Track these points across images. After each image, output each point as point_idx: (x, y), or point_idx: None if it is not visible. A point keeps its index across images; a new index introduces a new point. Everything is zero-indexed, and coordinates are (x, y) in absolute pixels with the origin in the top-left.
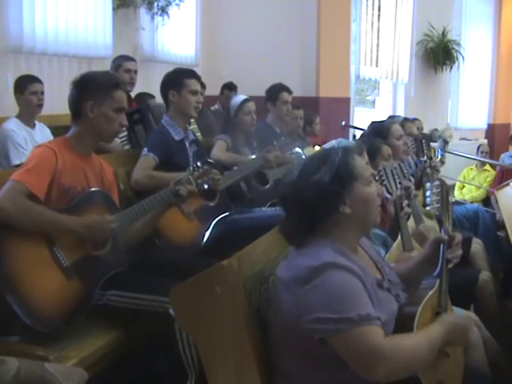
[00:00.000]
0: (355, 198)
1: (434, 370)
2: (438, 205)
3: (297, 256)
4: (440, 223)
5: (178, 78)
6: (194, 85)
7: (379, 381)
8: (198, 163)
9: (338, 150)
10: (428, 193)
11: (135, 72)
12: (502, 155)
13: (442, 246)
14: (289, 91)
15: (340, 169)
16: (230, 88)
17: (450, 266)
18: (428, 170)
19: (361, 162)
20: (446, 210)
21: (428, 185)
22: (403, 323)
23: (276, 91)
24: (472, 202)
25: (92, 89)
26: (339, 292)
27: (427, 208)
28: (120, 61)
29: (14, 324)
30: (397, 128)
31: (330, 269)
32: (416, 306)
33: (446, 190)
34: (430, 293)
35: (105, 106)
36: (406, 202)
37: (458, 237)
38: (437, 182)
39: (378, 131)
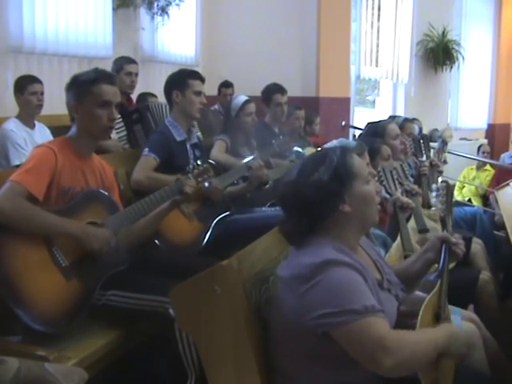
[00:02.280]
0: (354, 197)
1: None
2: (443, 206)
3: (297, 255)
4: (444, 224)
5: (182, 79)
6: (198, 86)
7: (385, 373)
8: (198, 161)
9: (336, 149)
10: (434, 194)
11: (136, 75)
12: (503, 155)
13: (444, 246)
14: (282, 92)
15: (338, 168)
16: (226, 86)
17: (450, 265)
18: (425, 174)
19: (359, 161)
20: (449, 212)
21: (434, 186)
22: (402, 322)
23: (269, 93)
24: (470, 200)
25: (73, 89)
26: (342, 287)
27: (433, 209)
28: (122, 63)
29: (15, 324)
30: (393, 128)
31: (332, 266)
32: (414, 306)
33: (451, 191)
34: (432, 292)
35: (86, 103)
36: (405, 199)
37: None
38: (443, 184)
39: (374, 131)
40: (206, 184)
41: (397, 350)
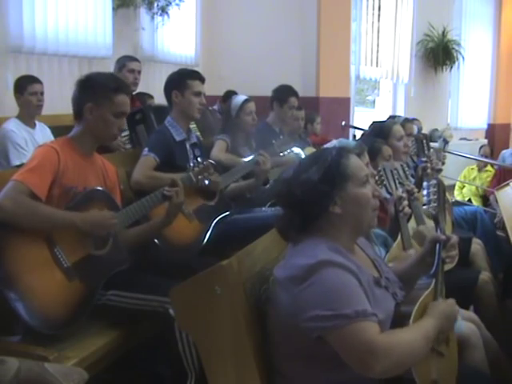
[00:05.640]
0: (346, 198)
1: (429, 370)
2: (436, 204)
3: (293, 255)
4: (436, 223)
5: (181, 79)
6: (197, 86)
7: (376, 377)
8: (199, 159)
9: (332, 150)
10: (425, 192)
11: (139, 72)
12: (503, 152)
13: (437, 245)
14: (297, 96)
15: (331, 168)
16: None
17: (447, 267)
18: (429, 170)
19: (355, 163)
20: (442, 210)
21: (425, 184)
22: (399, 322)
23: (286, 94)
24: (470, 200)
25: (93, 91)
26: (335, 289)
27: (424, 207)
28: (124, 61)
29: (15, 324)
30: (398, 129)
31: (326, 267)
32: (412, 306)
33: (442, 189)
34: (426, 292)
35: (104, 109)
36: (406, 203)
37: (454, 238)
38: (434, 181)
39: (379, 131)
40: (206, 182)
41: (386, 355)
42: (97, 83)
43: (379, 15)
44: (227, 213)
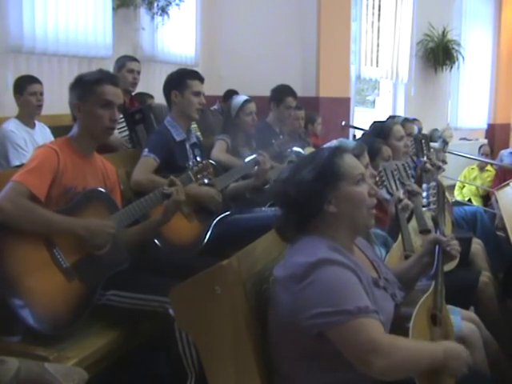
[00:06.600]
0: (340, 198)
1: (428, 370)
2: (435, 206)
3: (292, 255)
4: (435, 224)
5: (181, 79)
6: (196, 86)
7: (375, 375)
8: (198, 158)
9: (326, 150)
10: (424, 194)
11: (138, 72)
12: (501, 151)
13: (437, 246)
14: (294, 96)
15: (324, 168)
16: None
17: (448, 266)
18: (428, 170)
19: (348, 161)
20: (442, 211)
21: (424, 186)
22: (399, 324)
23: (282, 94)
24: (470, 200)
25: (77, 89)
26: (336, 286)
27: (424, 209)
28: (124, 61)
29: (15, 324)
30: (398, 129)
31: (326, 265)
32: (411, 307)
33: (442, 190)
34: (426, 294)
35: (89, 103)
36: (406, 200)
37: (454, 238)
38: (433, 183)
39: (379, 131)
40: (206, 181)
41: (388, 354)
42: (79, 81)
43: (379, 15)
44: (227, 213)
